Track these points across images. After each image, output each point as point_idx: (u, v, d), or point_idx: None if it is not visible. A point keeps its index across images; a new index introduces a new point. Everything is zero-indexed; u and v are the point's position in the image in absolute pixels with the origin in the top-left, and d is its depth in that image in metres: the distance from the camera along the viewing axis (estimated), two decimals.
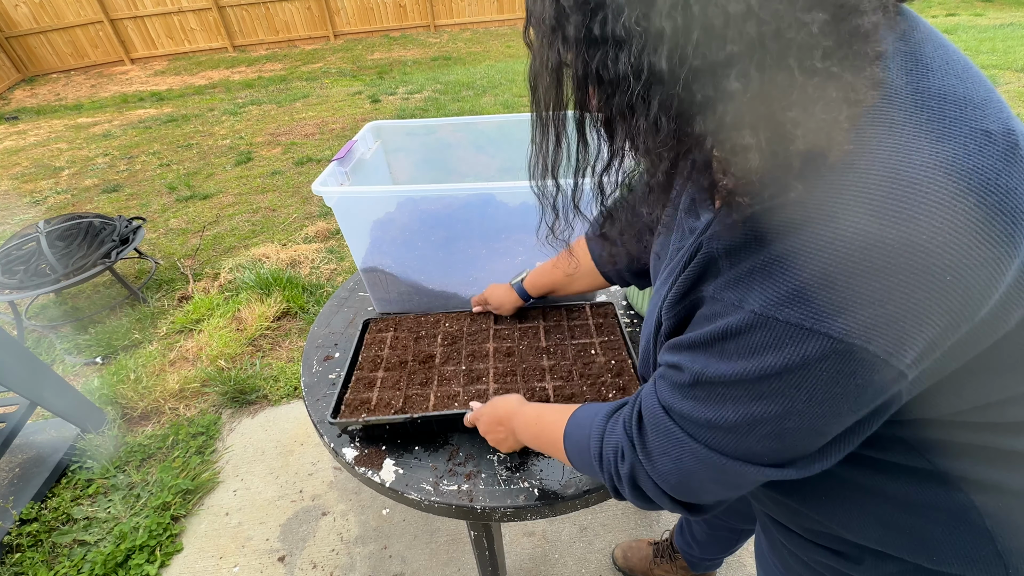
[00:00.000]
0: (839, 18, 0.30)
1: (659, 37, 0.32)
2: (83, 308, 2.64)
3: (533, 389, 0.90)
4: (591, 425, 0.58)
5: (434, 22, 9.11)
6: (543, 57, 0.38)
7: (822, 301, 0.33)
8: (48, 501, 1.67)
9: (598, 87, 0.37)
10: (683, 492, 0.48)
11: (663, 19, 0.31)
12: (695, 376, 0.42)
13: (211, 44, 8.82)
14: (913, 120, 0.33)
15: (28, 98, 7.40)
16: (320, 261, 2.85)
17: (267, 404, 2.02)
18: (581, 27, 0.35)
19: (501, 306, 1.05)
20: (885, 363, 0.34)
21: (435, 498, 0.79)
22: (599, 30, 0.34)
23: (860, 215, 0.32)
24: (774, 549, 0.66)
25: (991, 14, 7.71)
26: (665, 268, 0.54)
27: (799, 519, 0.57)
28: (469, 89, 5.81)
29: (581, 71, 0.37)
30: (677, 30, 0.31)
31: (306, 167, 4.13)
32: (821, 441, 0.40)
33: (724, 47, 0.31)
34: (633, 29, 0.32)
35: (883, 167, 0.32)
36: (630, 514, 1.55)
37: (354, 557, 1.50)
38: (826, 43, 0.30)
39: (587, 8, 0.34)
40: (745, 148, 0.34)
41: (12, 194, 4.20)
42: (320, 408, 0.97)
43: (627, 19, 0.32)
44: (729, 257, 0.40)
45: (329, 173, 1.07)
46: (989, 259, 0.31)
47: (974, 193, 0.31)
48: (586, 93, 0.38)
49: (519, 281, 1.03)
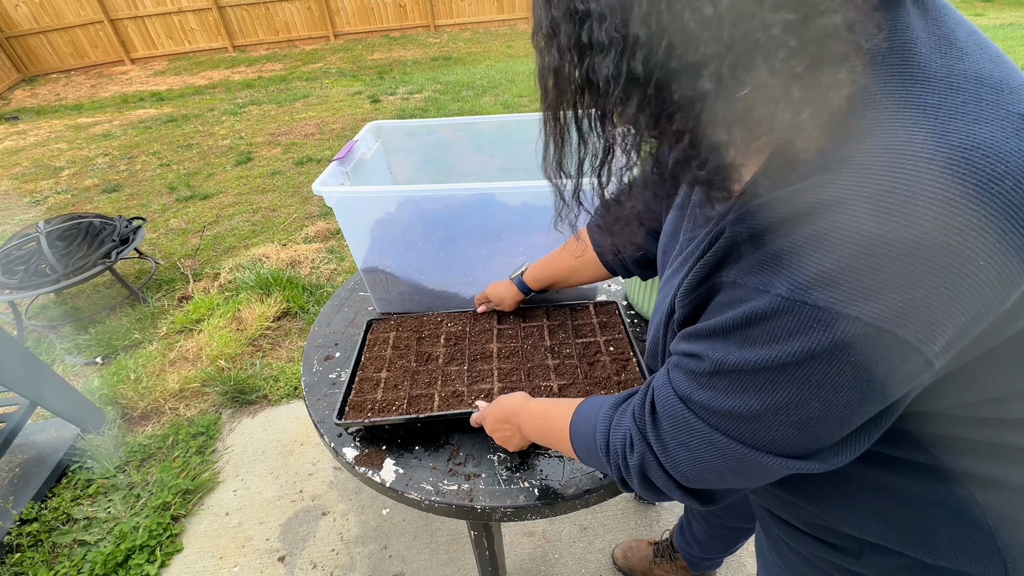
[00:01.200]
0: (803, 19, 0.31)
1: (635, 42, 0.34)
2: (83, 308, 2.64)
3: (538, 388, 0.90)
4: (597, 416, 0.58)
5: (434, 22, 9.11)
6: (545, 61, 0.41)
7: (852, 284, 0.33)
8: (48, 501, 1.67)
9: (588, 89, 0.40)
10: (698, 482, 0.48)
11: (638, 26, 0.34)
12: (716, 364, 0.41)
13: (211, 44, 8.82)
14: (948, 103, 0.33)
15: (28, 98, 7.40)
16: (320, 261, 2.85)
17: (267, 404, 2.02)
18: (571, 35, 0.37)
19: (502, 301, 1.05)
20: (915, 350, 0.33)
21: (435, 498, 0.79)
22: (586, 37, 0.37)
23: (893, 197, 0.31)
24: (773, 544, 0.66)
25: (991, 14, 7.72)
26: (677, 257, 0.54)
27: (799, 513, 0.56)
28: (469, 89, 5.81)
29: (574, 74, 0.40)
30: (651, 36, 0.34)
31: (306, 167, 4.13)
32: (845, 430, 0.40)
33: (698, 50, 0.33)
34: (613, 36, 0.35)
35: (917, 149, 0.32)
36: (630, 514, 1.55)
37: (354, 557, 1.50)
38: (791, 43, 0.31)
39: (576, 18, 0.37)
40: (720, 145, 0.36)
41: (12, 194, 4.20)
42: (320, 408, 0.97)
43: (608, 27, 0.35)
44: (754, 241, 0.39)
45: (329, 173, 1.07)
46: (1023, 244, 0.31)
47: (1011, 177, 0.31)
48: (581, 94, 0.41)
49: (519, 275, 1.03)
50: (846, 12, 0.32)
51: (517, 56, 7.29)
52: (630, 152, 0.42)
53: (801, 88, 0.33)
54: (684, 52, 0.33)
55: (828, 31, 0.32)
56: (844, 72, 0.33)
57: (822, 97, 0.33)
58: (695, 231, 0.52)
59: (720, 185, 0.40)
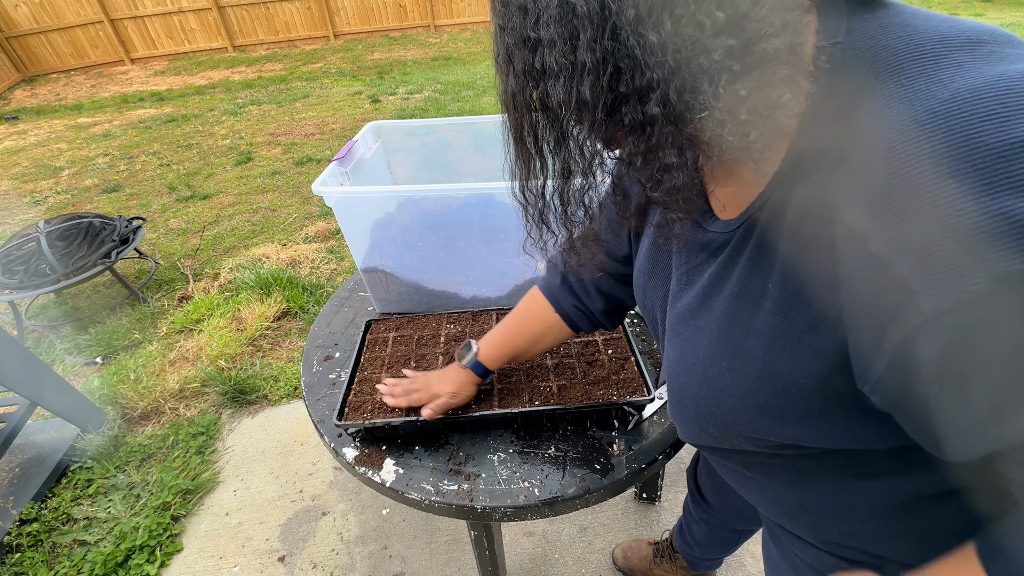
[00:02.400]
0: (744, 44, 0.32)
1: (583, 69, 0.35)
2: (83, 308, 2.64)
3: (537, 388, 0.90)
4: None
5: (434, 22, 9.11)
6: (504, 86, 0.42)
7: None
8: (48, 501, 1.67)
9: (545, 113, 0.41)
10: None
11: (584, 52, 0.34)
12: None
13: (211, 44, 8.82)
14: (966, 56, 0.30)
15: (28, 98, 7.40)
16: (320, 261, 2.85)
17: (267, 404, 2.02)
18: (525, 61, 0.38)
19: (458, 392, 0.86)
20: None
21: (435, 498, 0.79)
22: (539, 63, 0.37)
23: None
24: (784, 556, 0.65)
25: (991, 14, 7.72)
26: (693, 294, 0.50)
27: (820, 532, 0.55)
28: (469, 89, 5.80)
29: (529, 99, 0.41)
30: (597, 62, 0.34)
31: (306, 167, 4.13)
32: None
33: (643, 75, 0.34)
34: (562, 63, 0.36)
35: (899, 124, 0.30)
36: (630, 514, 1.55)
37: (354, 557, 1.50)
38: (734, 68, 0.32)
39: (528, 44, 0.37)
40: (672, 167, 0.37)
41: (12, 194, 4.19)
42: (320, 408, 0.97)
43: (557, 54, 0.35)
44: None
45: (329, 173, 1.07)
46: None
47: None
48: (536, 117, 0.42)
49: (472, 358, 0.86)
50: (786, 36, 0.32)
51: None
52: (586, 174, 0.44)
53: (747, 111, 0.33)
54: (631, 77, 0.34)
55: (769, 55, 0.32)
56: (789, 93, 0.33)
57: (769, 118, 0.34)
58: (691, 260, 0.51)
59: (675, 206, 0.41)
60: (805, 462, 0.49)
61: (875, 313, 0.32)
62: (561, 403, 0.86)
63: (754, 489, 0.59)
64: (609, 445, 0.86)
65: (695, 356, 0.50)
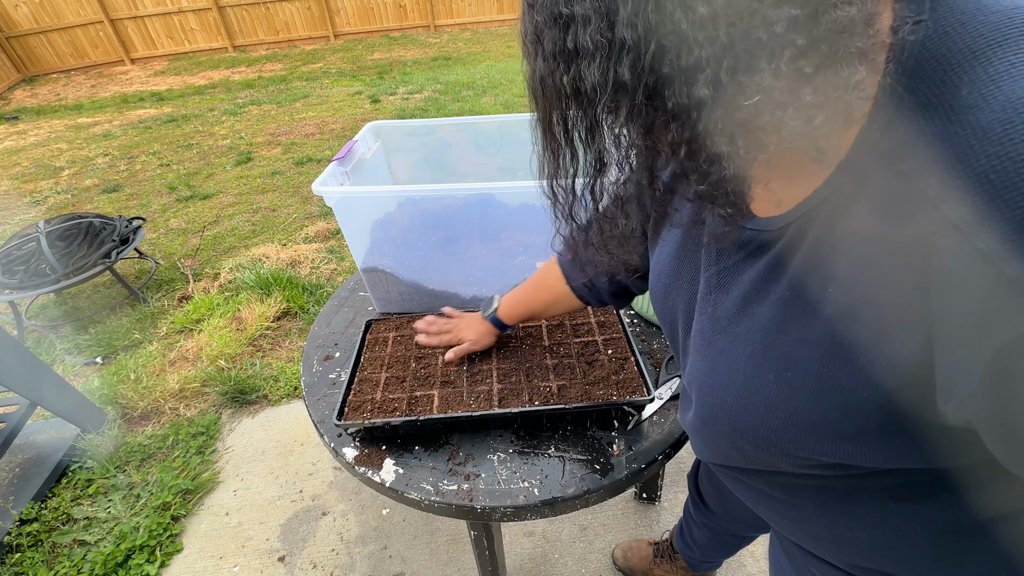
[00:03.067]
0: (812, 14, 0.28)
1: (622, 47, 0.31)
2: (83, 308, 2.64)
3: (536, 388, 0.90)
4: None
5: (434, 22, 9.11)
6: (532, 69, 0.38)
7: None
8: (48, 501, 1.67)
9: (576, 98, 0.37)
10: None
11: (624, 28, 0.31)
12: None
13: (211, 44, 8.82)
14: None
15: (28, 98, 7.40)
16: (320, 261, 2.85)
17: (267, 404, 2.02)
18: (555, 41, 0.35)
19: (479, 340, 0.97)
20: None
21: (435, 498, 0.79)
22: (571, 43, 0.34)
23: None
24: (798, 571, 0.62)
25: None
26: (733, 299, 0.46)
27: (848, 555, 0.51)
28: (469, 89, 5.81)
29: (560, 82, 0.37)
30: (639, 39, 0.31)
31: (306, 167, 4.13)
32: None
33: (691, 52, 0.30)
34: (598, 40, 0.32)
35: None
36: (630, 514, 1.55)
37: (354, 557, 1.50)
38: (799, 42, 0.28)
39: (559, 23, 0.34)
40: (722, 157, 0.33)
41: (12, 194, 4.20)
42: (320, 408, 0.97)
43: (592, 31, 0.32)
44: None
45: (329, 173, 1.07)
46: None
47: None
48: (567, 104, 0.38)
49: (492, 312, 0.96)
50: (861, 3, 0.28)
51: (517, 56, 7.19)
52: (622, 165, 0.39)
53: (813, 91, 0.29)
54: (676, 55, 0.30)
55: (842, 26, 0.28)
56: (863, 71, 0.29)
57: (838, 100, 0.30)
58: (721, 260, 0.47)
59: (724, 201, 0.36)
60: (840, 483, 0.45)
61: (975, 318, 0.29)
62: (561, 403, 0.86)
63: (775, 508, 0.56)
64: (609, 445, 0.86)
65: (733, 367, 0.45)
